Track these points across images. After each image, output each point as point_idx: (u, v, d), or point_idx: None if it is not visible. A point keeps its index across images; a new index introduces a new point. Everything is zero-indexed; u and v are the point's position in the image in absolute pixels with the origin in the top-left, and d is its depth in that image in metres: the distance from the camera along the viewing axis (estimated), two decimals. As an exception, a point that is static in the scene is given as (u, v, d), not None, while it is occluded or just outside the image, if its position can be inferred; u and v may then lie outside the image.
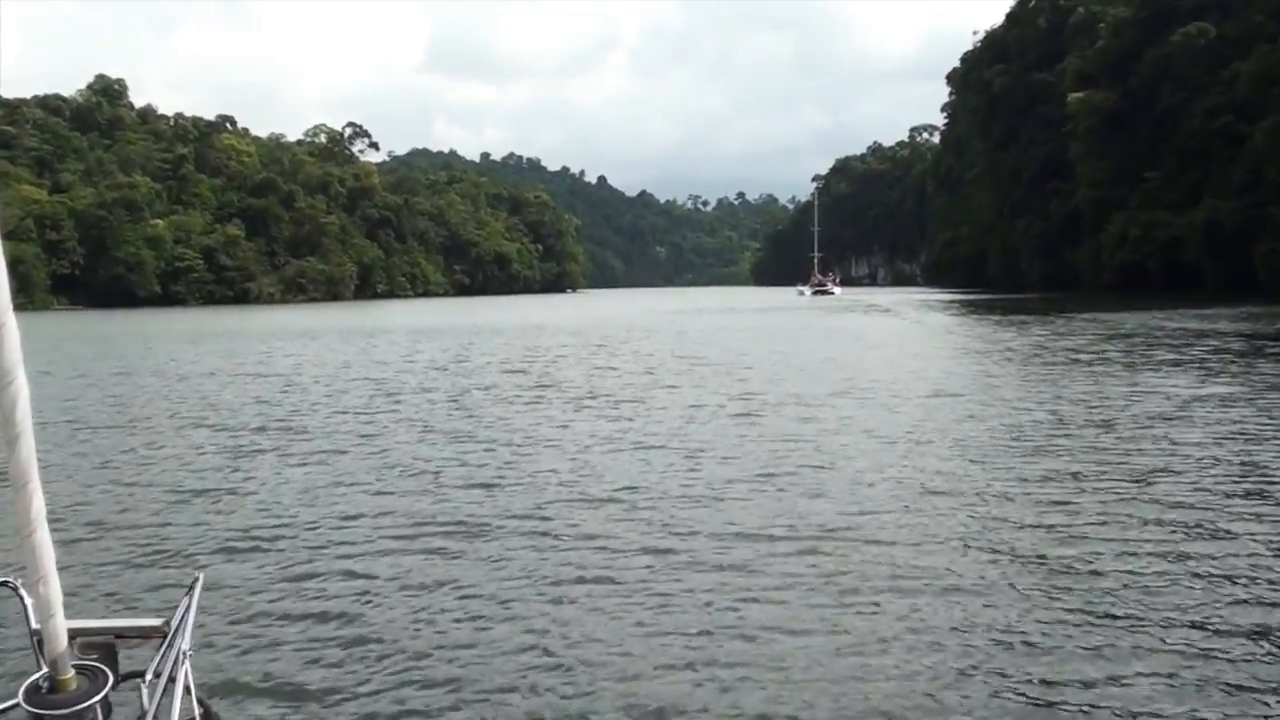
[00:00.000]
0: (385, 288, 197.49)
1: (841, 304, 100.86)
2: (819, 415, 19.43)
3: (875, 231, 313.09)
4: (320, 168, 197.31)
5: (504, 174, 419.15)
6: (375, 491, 13.14)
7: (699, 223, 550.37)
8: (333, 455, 16.14)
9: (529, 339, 47.81)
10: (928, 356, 32.91)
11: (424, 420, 20.01)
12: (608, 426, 18.72)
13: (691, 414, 20.08)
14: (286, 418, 20.89)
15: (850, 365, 30.36)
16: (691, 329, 55.20)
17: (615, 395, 23.70)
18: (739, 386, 24.94)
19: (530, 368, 31.63)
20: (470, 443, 17.13)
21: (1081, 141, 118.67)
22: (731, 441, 16.59)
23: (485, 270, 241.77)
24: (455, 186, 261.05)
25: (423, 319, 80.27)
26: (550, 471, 14.40)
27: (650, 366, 31.21)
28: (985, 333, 44.32)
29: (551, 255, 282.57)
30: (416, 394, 24.88)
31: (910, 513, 11.40)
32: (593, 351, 38.59)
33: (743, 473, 13.92)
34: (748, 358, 33.78)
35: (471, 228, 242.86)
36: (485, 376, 28.97)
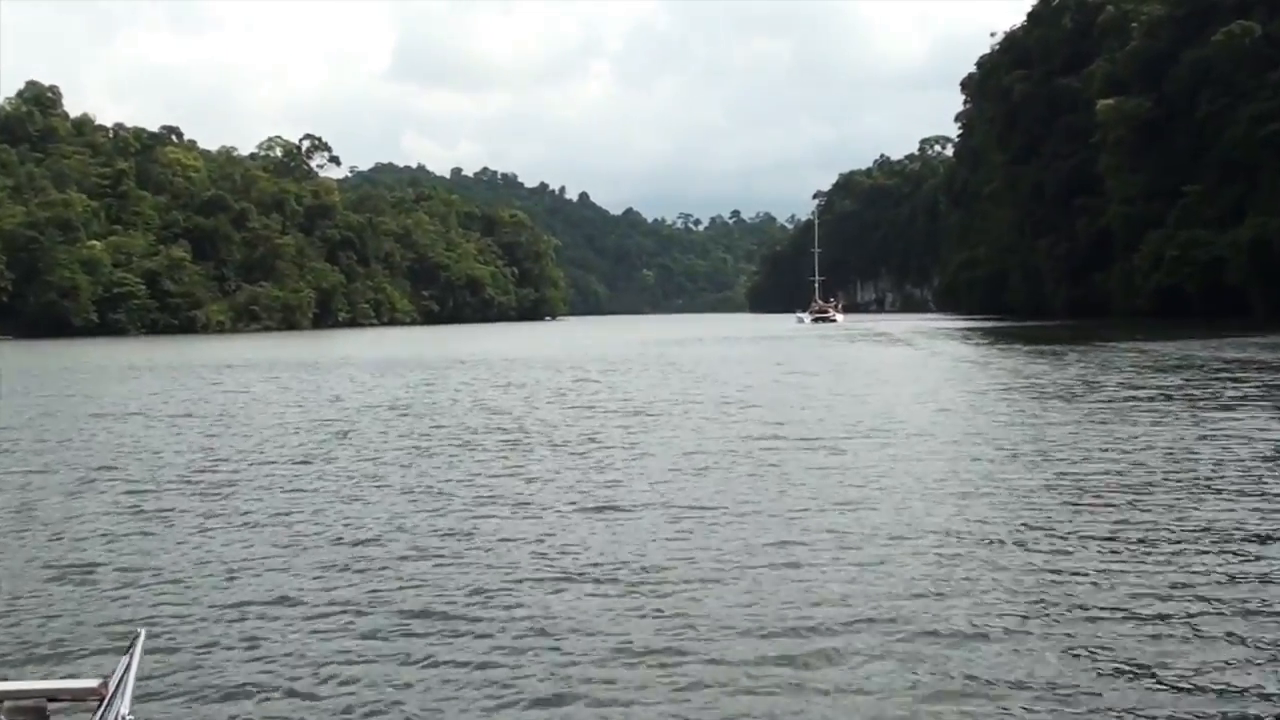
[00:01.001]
0: (347, 315, 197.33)
1: (846, 332, 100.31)
2: (840, 465, 18.20)
3: (882, 253, 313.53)
4: (275, 184, 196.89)
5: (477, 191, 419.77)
6: (314, 565, 12.04)
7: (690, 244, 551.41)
8: (263, 516, 15.03)
9: (502, 373, 47.16)
10: (954, 393, 31.86)
11: (375, 473, 18.92)
12: (591, 479, 17.60)
13: (689, 464, 18.97)
14: (211, 467, 19.81)
15: (866, 403, 29.43)
16: (684, 361, 54.67)
17: (600, 440, 22.65)
18: (742, 429, 23.94)
19: (503, 407, 30.75)
20: (427, 500, 16.00)
21: (1111, 153, 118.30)
22: (739, 499, 15.30)
23: (456, 296, 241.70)
24: (424, 205, 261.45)
25: (386, 350, 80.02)
26: (521, 540, 13.11)
27: (639, 405, 30.27)
28: (1015, 365, 43.30)
29: (529, 279, 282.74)
30: (370, 439, 23.87)
31: (977, 593, 10.03)
32: (574, 388, 37.90)
33: (758, 539, 12.65)
34: (749, 394, 32.97)
35: (441, 250, 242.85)
36: (451, 418, 28.07)
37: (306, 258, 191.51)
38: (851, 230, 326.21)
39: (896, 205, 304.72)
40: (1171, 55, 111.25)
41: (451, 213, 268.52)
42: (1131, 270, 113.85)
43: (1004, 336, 77.23)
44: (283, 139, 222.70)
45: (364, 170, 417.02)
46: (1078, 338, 68.64)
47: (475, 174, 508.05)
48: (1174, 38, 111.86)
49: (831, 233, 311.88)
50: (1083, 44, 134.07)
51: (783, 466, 18.30)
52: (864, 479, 16.69)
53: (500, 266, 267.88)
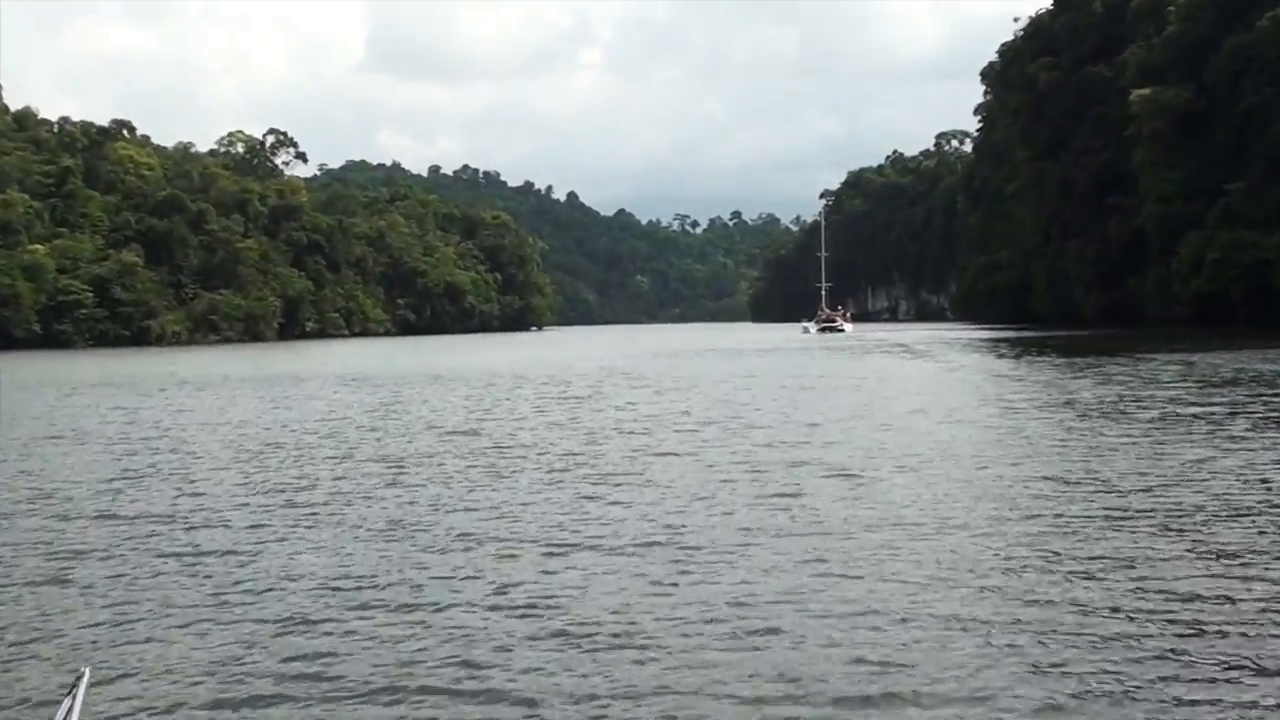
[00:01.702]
0: (315, 325, 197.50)
1: (858, 344, 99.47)
2: (871, 498, 17.12)
3: (895, 257, 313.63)
4: (237, 183, 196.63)
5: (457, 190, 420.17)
6: (258, 617, 11.16)
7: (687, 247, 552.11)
8: (199, 556, 14.04)
9: (483, 389, 46.20)
10: (987, 411, 30.84)
11: (333, 506, 17.79)
12: (582, 514, 16.48)
13: (696, 495, 17.86)
14: (148, 499, 18.74)
15: (889, 422, 28.46)
16: (683, 376, 53.82)
17: (592, 467, 21.61)
18: (754, 454, 22.85)
19: (482, 428, 29.72)
20: (392, 538, 14.89)
21: (1146, 148, 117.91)
22: (754, 539, 14.15)
23: (434, 304, 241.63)
24: (399, 205, 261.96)
25: (356, 363, 79.13)
26: (504, 591, 11.98)
27: (636, 426, 29.26)
28: (1051, 380, 42.35)
29: (513, 286, 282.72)
30: (331, 465, 22.82)
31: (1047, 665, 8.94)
32: (562, 406, 36.88)
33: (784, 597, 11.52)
34: (757, 413, 32.02)
35: (418, 254, 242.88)
36: (423, 440, 27.06)
37: (271, 263, 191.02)
38: (862, 233, 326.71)
39: (911, 205, 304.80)
40: (1212, 41, 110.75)
41: (429, 214, 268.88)
42: (1168, 275, 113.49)
43: (1032, 347, 76.28)
44: (245, 134, 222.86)
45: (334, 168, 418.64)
46: (1114, 349, 67.78)
47: (455, 172, 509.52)
48: (1215, 22, 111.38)
49: (840, 235, 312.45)
50: (1115, 29, 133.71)
51: (802, 498, 17.26)
52: (899, 516, 15.58)
53: (482, 272, 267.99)
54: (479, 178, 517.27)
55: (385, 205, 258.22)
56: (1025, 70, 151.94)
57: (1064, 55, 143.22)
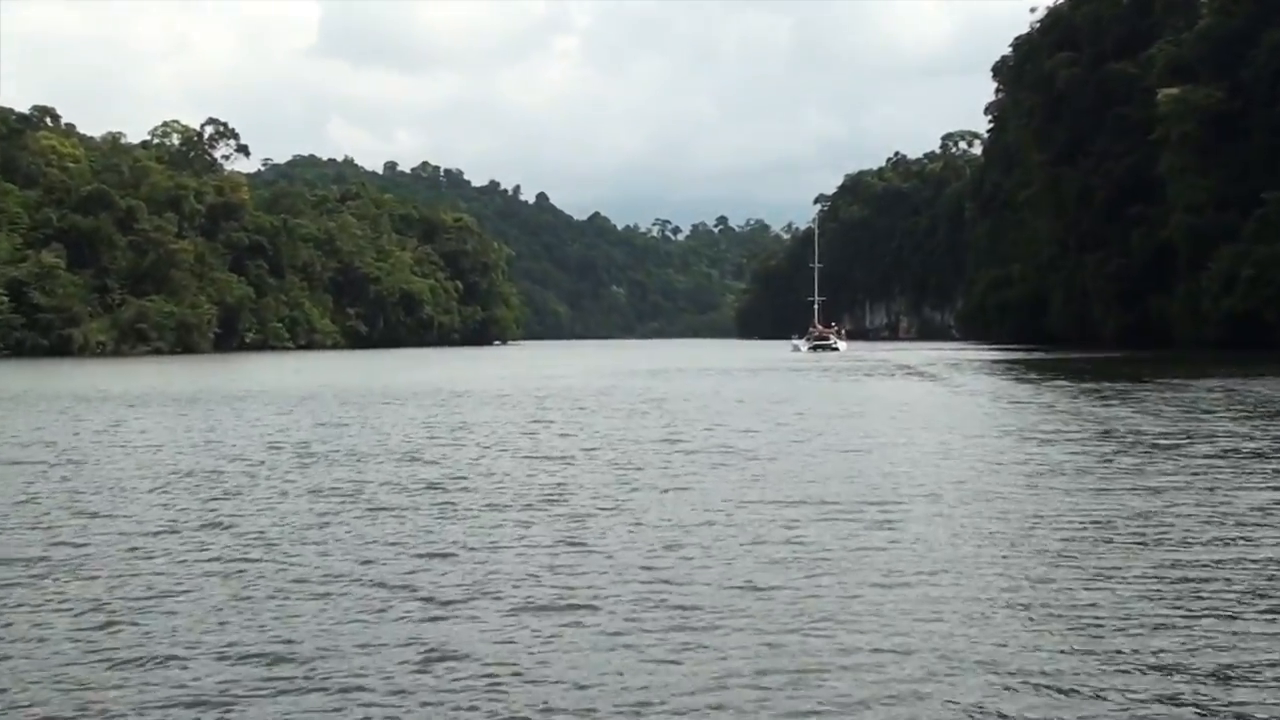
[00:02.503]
0: (256, 336, 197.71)
1: (857, 364, 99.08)
2: (882, 544, 16.03)
3: (896, 269, 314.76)
4: (171, 178, 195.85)
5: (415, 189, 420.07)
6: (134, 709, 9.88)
7: (668, 256, 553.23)
8: (102, 601, 13.08)
9: (439, 410, 45.39)
10: (1010, 443, 29.94)
11: (264, 543, 16.61)
12: (552, 564, 15.24)
13: (688, 541, 16.67)
14: (47, 532, 17.55)
15: (898, 454, 27.48)
16: (664, 397, 53.01)
17: (565, 503, 20.47)
18: (747, 490, 21.84)
19: (438, 455, 28.76)
20: (317, 593, 13.66)
21: (1175, 152, 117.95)
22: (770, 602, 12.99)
23: (388, 315, 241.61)
24: (351, 205, 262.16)
25: (299, 379, 78.37)
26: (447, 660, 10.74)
27: (613, 456, 28.22)
28: (1079, 408, 41.52)
29: (475, 296, 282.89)
30: (255, 501, 21.54)
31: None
32: (530, 431, 35.93)
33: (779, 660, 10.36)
34: (750, 441, 31.02)
35: (371, 259, 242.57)
36: (370, 468, 26.06)
37: (207, 266, 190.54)
38: (860, 242, 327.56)
39: (914, 213, 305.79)
40: (1249, 36, 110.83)
41: (384, 215, 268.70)
42: (1197, 293, 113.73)
43: (1050, 370, 75.93)
44: (181, 124, 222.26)
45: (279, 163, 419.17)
46: (1141, 373, 67.52)
47: (413, 169, 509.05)
48: (1252, 15, 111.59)
49: (836, 245, 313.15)
50: (1141, 22, 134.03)
51: (806, 544, 16.16)
52: (918, 566, 14.51)
53: (441, 280, 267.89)
54: (440, 176, 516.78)
55: (335, 205, 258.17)
56: (1042, 66, 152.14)
57: (1085, 50, 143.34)
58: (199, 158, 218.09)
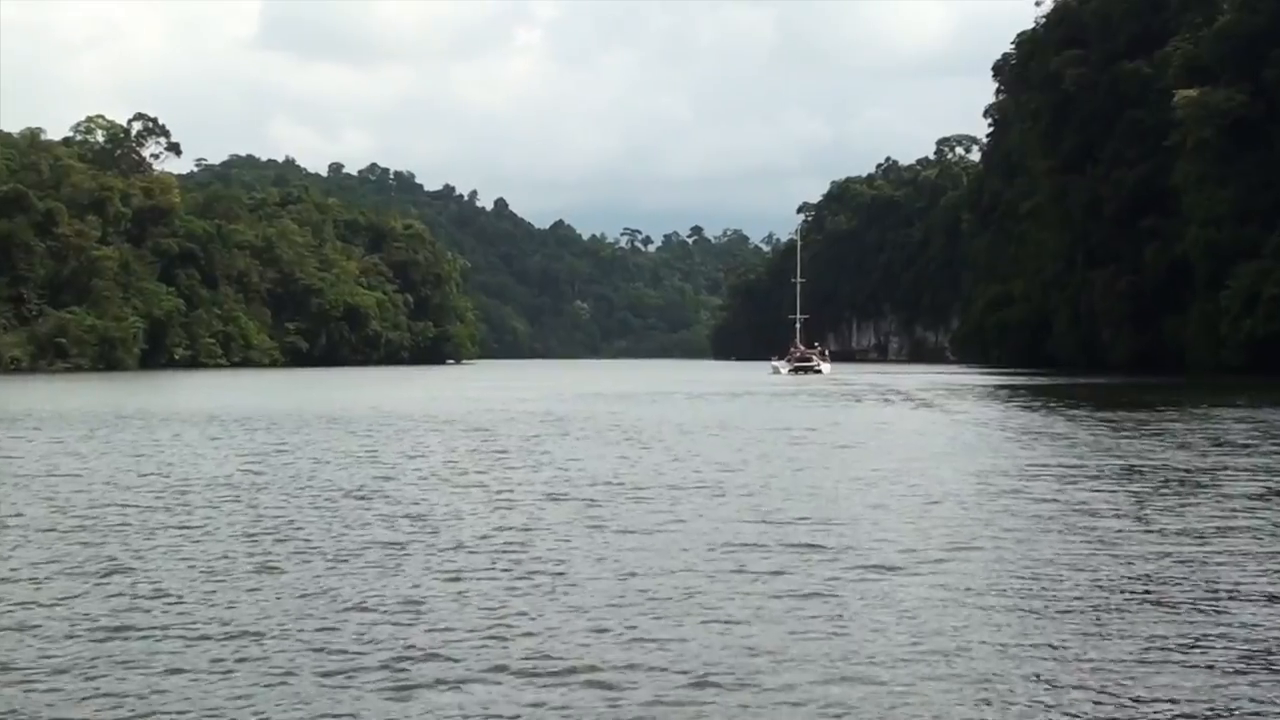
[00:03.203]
0: (186, 352, 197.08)
1: (843, 388, 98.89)
2: (907, 604, 15.13)
3: (886, 285, 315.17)
4: (95, 178, 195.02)
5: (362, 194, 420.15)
6: None
7: (638, 268, 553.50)
8: None
9: (384, 437, 44.72)
10: (1034, 482, 29.09)
11: (155, 608, 15.53)
12: (508, 620, 14.28)
13: (669, 595, 15.78)
14: None
15: (910, 493, 26.74)
16: (633, 425, 52.44)
17: (528, 549, 19.54)
18: (732, 530, 21.07)
19: (383, 488, 28.02)
20: (239, 655, 12.67)
21: (1192, 160, 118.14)
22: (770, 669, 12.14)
23: (331, 330, 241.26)
24: (292, 209, 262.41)
25: (232, 400, 77.77)
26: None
27: (583, 491, 27.47)
28: (1097, 439, 41.06)
29: (427, 310, 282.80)
30: (169, 541, 20.59)
31: None
32: (486, 461, 35.26)
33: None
34: (732, 475, 30.39)
35: (313, 269, 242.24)
36: (302, 503, 25.30)
37: (134, 276, 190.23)
38: (846, 255, 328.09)
39: (906, 224, 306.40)
40: (1273, 35, 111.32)
41: (328, 221, 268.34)
42: (1215, 314, 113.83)
43: (1058, 397, 75.63)
44: (107, 120, 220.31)
45: (214, 164, 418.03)
46: (1157, 401, 67.29)
47: (361, 172, 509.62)
48: (1276, 12, 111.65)
49: (820, 258, 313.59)
50: (1156, 18, 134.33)
51: (816, 599, 15.36)
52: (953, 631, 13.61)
53: (390, 292, 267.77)
54: (389, 179, 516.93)
55: (275, 209, 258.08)
56: (1047, 65, 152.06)
57: (1094, 48, 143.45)
58: (126, 156, 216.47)
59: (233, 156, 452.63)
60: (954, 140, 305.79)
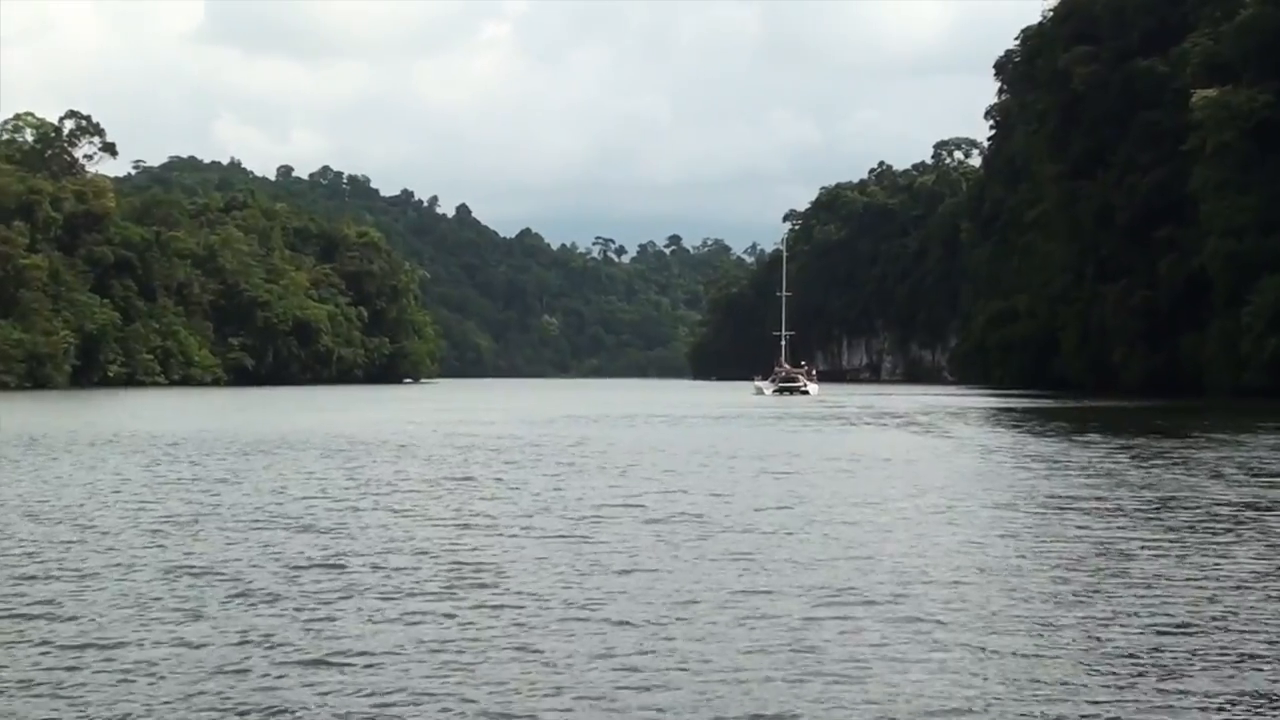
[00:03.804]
0: (121, 370, 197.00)
1: (834, 410, 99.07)
2: (932, 664, 14.42)
3: (879, 300, 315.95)
4: (23, 180, 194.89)
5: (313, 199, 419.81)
6: None
7: (611, 280, 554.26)
8: None
9: (334, 465, 44.12)
10: (1056, 519, 28.48)
11: (88, 654, 14.79)
12: (489, 673, 13.60)
13: (657, 649, 15.05)
14: None
15: (925, 530, 26.22)
16: (608, 450, 52.27)
17: (498, 589, 19.06)
18: (737, 575, 20.27)
19: (333, 523, 27.39)
20: None
21: (1211, 166, 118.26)
22: None
23: (279, 347, 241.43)
24: (237, 216, 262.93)
25: (167, 422, 77.43)
26: None
27: (555, 524, 26.95)
28: (1121, 470, 40.47)
29: (382, 325, 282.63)
30: (93, 579, 20.01)
31: None
32: (449, 491, 34.57)
33: None
34: (717, 506, 30.13)
35: (259, 280, 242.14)
36: (241, 539, 24.65)
37: (65, 286, 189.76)
38: (836, 267, 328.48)
39: (901, 233, 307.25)
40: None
41: (276, 228, 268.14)
42: (1236, 331, 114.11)
43: (1068, 421, 75.60)
44: (36, 118, 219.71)
45: (153, 166, 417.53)
46: (1178, 427, 66.99)
47: (312, 175, 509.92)
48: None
49: (809, 270, 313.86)
50: (1173, 12, 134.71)
51: (820, 653, 14.71)
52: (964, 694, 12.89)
53: (343, 305, 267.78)
54: (342, 183, 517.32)
55: (219, 215, 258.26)
56: (1055, 63, 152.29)
57: (1106, 44, 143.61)
58: (57, 157, 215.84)
59: (173, 158, 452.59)
60: (953, 144, 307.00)
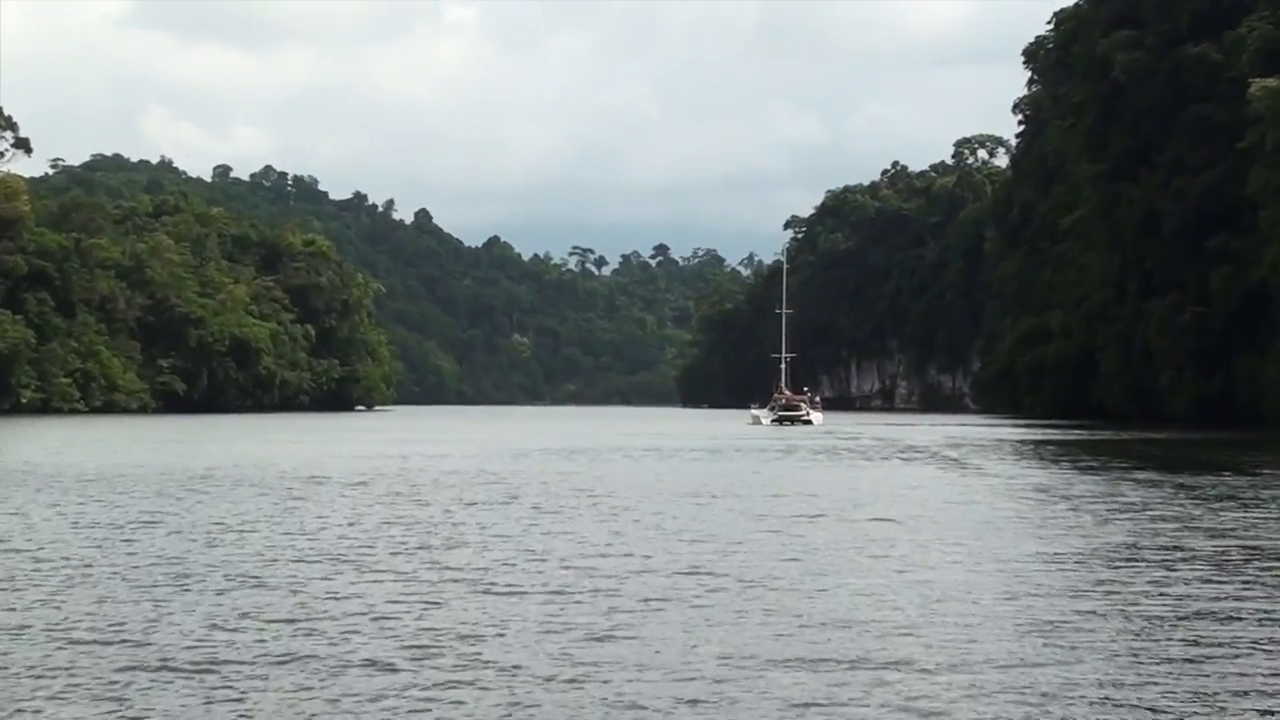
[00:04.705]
0: (36, 395, 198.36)
1: (846, 442, 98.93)
2: None
3: (893, 318, 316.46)
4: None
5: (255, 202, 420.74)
6: None
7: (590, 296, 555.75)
8: None
9: (272, 505, 43.31)
10: (1129, 569, 27.77)
11: None
12: None
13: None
14: None
15: (973, 585, 25.33)
16: (590, 487, 51.80)
17: (478, 660, 18.23)
18: (759, 644, 19.20)
19: (274, 576, 26.62)
20: None
21: (1272, 165, 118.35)
22: None
23: (215, 369, 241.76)
24: (168, 221, 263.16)
25: (84, 455, 76.32)
26: None
27: (537, 577, 26.22)
28: (1189, 514, 39.89)
29: (332, 345, 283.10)
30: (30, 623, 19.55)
31: None
32: (402, 538, 33.65)
33: None
34: (720, 556, 29.24)
35: (193, 294, 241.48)
36: (160, 594, 23.84)
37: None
38: (845, 280, 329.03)
39: (917, 242, 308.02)
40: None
41: (212, 236, 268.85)
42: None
43: (1113, 455, 75.57)
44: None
45: (74, 165, 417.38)
46: (1244, 462, 66.83)
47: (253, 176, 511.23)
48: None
49: (813, 284, 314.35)
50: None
51: None
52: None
53: (287, 323, 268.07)
54: (287, 185, 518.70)
55: (147, 221, 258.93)
56: (1093, 49, 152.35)
57: (1150, 28, 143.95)
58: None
59: (96, 156, 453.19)
60: (976, 141, 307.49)
